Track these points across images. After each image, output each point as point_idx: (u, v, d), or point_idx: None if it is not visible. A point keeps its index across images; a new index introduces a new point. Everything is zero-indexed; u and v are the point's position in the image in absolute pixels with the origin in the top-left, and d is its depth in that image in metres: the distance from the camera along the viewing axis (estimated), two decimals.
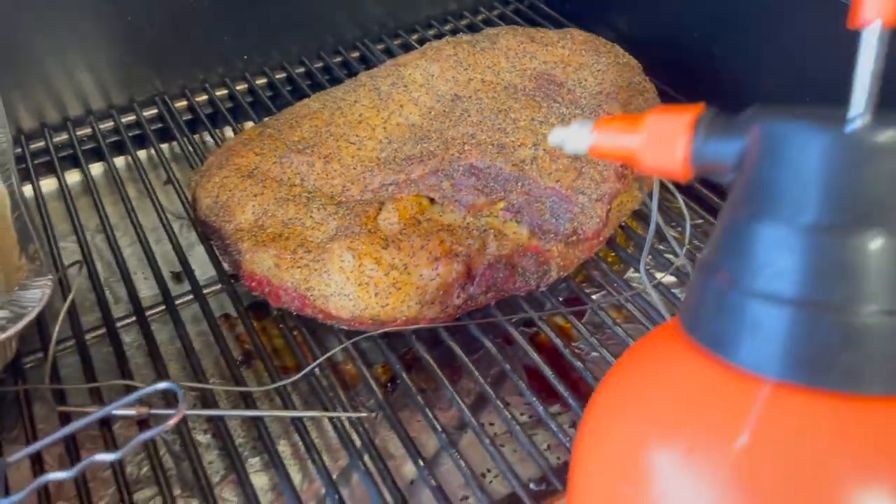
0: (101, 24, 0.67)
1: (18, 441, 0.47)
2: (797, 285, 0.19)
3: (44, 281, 0.44)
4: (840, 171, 0.18)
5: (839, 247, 0.18)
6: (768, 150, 0.20)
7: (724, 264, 0.20)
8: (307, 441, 0.43)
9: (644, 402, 0.21)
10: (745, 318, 0.19)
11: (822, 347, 0.18)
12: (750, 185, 0.20)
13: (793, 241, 0.19)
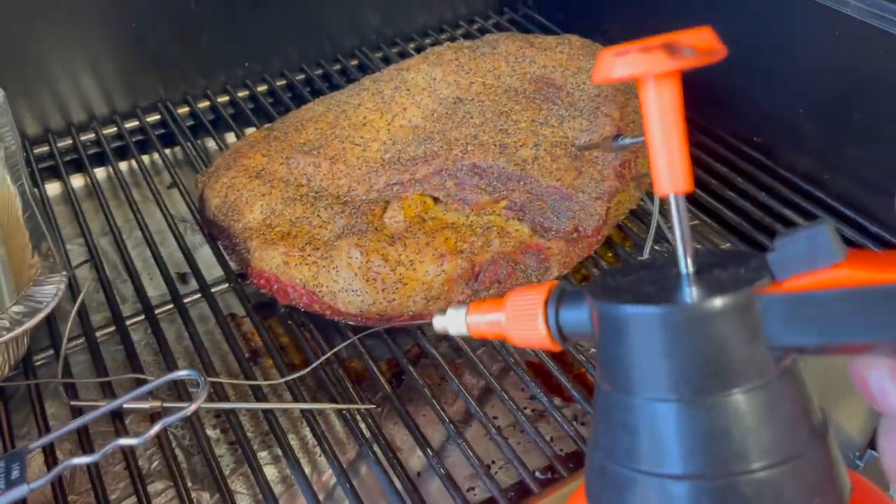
0: (105, 31, 0.68)
1: (30, 435, 0.48)
2: (655, 459, 0.19)
3: (58, 277, 0.44)
4: (671, 345, 0.18)
5: (695, 415, 0.18)
6: (604, 328, 0.20)
7: (599, 435, 0.20)
8: (318, 432, 0.44)
9: None
10: (622, 491, 0.19)
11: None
12: (601, 359, 0.20)
13: (642, 414, 0.19)
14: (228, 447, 0.48)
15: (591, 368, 0.47)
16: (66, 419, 0.48)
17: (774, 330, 0.18)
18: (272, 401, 0.49)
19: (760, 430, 0.18)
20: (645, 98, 0.20)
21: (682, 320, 0.18)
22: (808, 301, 0.18)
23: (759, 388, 0.18)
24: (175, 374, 0.36)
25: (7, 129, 0.57)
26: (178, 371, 0.36)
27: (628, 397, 0.19)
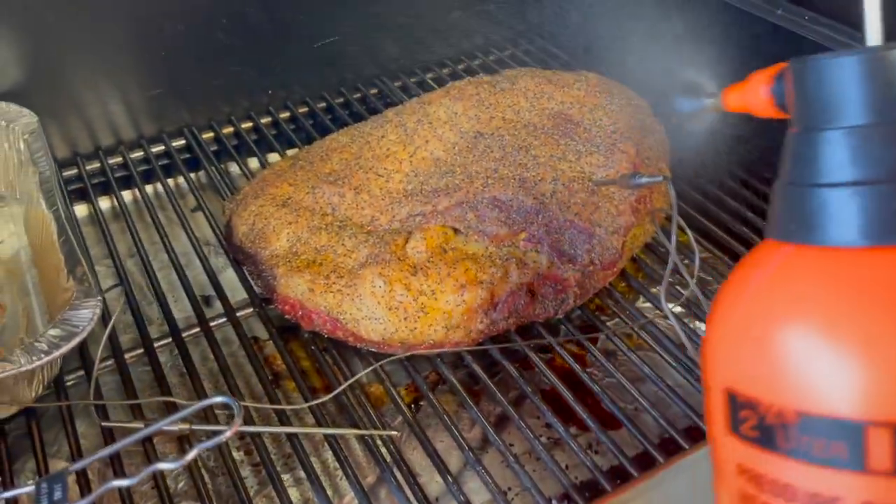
0: (134, 58, 0.70)
1: (59, 454, 0.49)
2: (863, 170, 0.23)
3: (93, 302, 0.46)
4: (873, 83, 0.23)
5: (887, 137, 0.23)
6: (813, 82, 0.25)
7: (800, 174, 0.25)
8: (340, 456, 0.45)
9: (768, 291, 0.25)
10: (830, 206, 0.24)
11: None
12: (804, 110, 0.25)
13: (851, 140, 0.23)
14: (252, 469, 0.49)
15: (606, 398, 0.49)
16: (95, 439, 0.50)
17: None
18: (294, 424, 0.50)
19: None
20: None
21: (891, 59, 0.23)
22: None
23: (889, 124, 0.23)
24: (210, 401, 0.37)
25: (41, 154, 0.59)
26: (213, 398, 0.37)
27: (838, 132, 0.24)
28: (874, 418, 0.22)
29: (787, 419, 0.23)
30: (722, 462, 0.26)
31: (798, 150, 0.25)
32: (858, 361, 0.22)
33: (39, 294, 0.56)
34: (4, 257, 0.59)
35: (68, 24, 0.66)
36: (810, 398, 0.23)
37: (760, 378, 0.24)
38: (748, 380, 0.24)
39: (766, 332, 0.24)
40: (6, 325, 0.53)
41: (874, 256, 0.23)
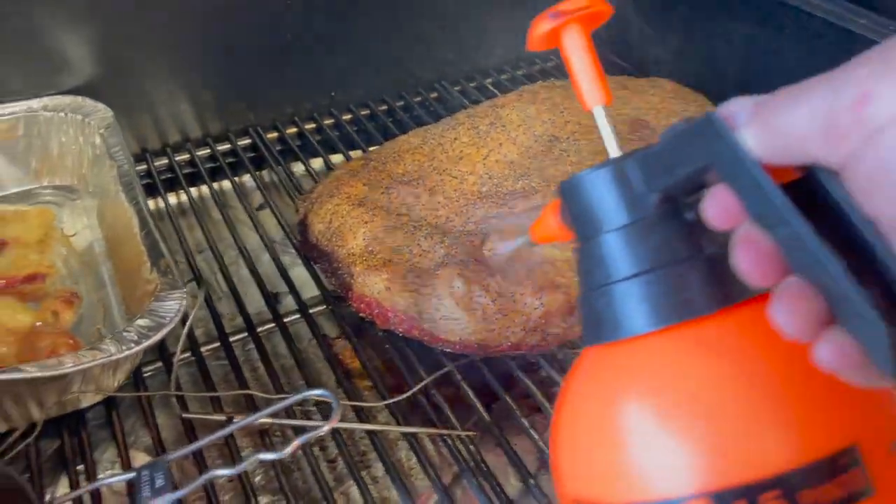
0: (203, 60, 0.71)
1: (136, 445, 0.50)
2: (630, 264, 0.25)
3: (178, 294, 0.47)
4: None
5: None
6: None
7: (586, 281, 0.27)
8: (420, 455, 0.45)
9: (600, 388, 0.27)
10: (613, 303, 0.26)
11: (674, 292, 0.25)
12: (576, 225, 0.27)
13: (616, 241, 0.26)
14: (327, 465, 0.49)
15: None
16: (172, 430, 0.50)
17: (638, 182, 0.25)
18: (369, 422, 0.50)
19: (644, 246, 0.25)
20: (564, 45, 0.28)
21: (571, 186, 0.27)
22: (651, 155, 0.25)
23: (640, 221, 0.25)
24: (309, 393, 0.37)
25: (118, 149, 0.60)
26: (314, 390, 0.37)
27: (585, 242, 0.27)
28: (692, 493, 0.23)
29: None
30: None
31: (582, 261, 0.27)
32: (658, 442, 0.24)
33: (115, 286, 0.56)
34: (79, 249, 0.59)
35: (141, 23, 0.66)
36: (632, 486, 0.24)
37: (598, 476, 0.25)
38: (588, 482, 0.25)
39: (582, 435, 0.26)
40: (83, 316, 0.54)
41: (661, 339, 0.25)
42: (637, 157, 0.25)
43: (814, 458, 0.23)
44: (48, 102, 0.64)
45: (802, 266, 0.21)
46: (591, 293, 0.26)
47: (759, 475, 0.22)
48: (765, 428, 0.23)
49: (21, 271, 0.54)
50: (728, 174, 0.23)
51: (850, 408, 0.24)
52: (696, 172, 0.24)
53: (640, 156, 0.25)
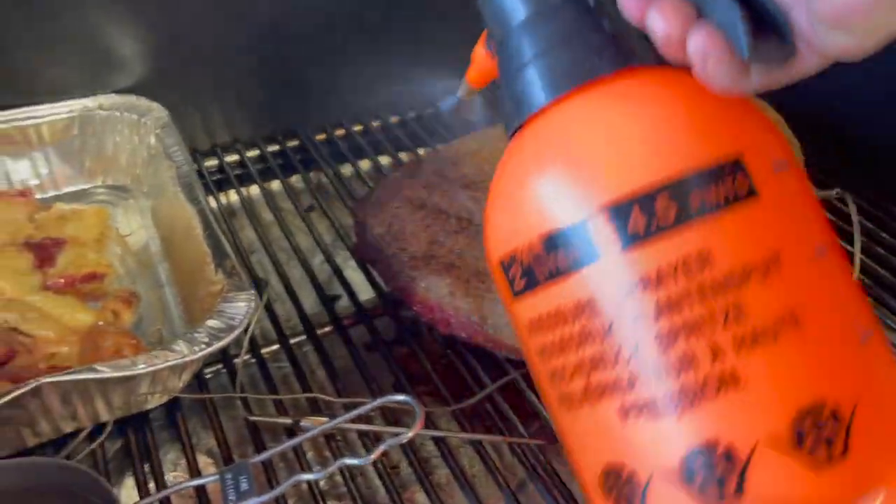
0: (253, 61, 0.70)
1: (198, 447, 0.49)
2: (535, 47, 0.29)
3: (247, 295, 0.46)
4: None
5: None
6: None
7: (501, 82, 0.30)
8: (489, 462, 0.45)
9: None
10: (522, 87, 0.29)
11: (571, 62, 0.28)
12: (493, 28, 0.31)
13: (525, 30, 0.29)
14: (391, 471, 0.49)
15: None
16: (234, 433, 0.50)
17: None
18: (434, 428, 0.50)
19: None
20: None
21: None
22: None
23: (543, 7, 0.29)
24: (390, 398, 0.37)
25: (176, 149, 0.60)
26: (396, 395, 0.37)
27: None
28: (592, 212, 0.26)
29: (536, 248, 0.27)
30: (520, 338, 0.30)
31: (500, 64, 0.30)
32: (557, 179, 0.27)
33: (173, 286, 0.56)
34: (134, 249, 0.59)
35: (194, 24, 0.66)
36: (543, 221, 0.27)
37: (512, 231, 0.28)
38: (506, 240, 0.29)
39: (501, 196, 0.30)
40: (142, 316, 0.54)
41: (561, 105, 0.28)
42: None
43: (701, 165, 0.25)
44: (104, 101, 0.64)
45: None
46: (503, 88, 0.30)
47: (649, 183, 0.25)
48: (653, 142, 0.26)
49: (80, 270, 0.54)
50: None
51: (737, 126, 0.27)
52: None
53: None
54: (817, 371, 0.25)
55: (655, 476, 0.26)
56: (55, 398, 0.42)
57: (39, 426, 0.43)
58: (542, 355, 0.29)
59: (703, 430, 0.25)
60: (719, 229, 0.25)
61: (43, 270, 0.53)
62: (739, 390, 0.25)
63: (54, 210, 0.58)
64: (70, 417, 0.44)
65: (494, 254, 0.30)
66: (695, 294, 0.25)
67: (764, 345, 0.25)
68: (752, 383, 0.25)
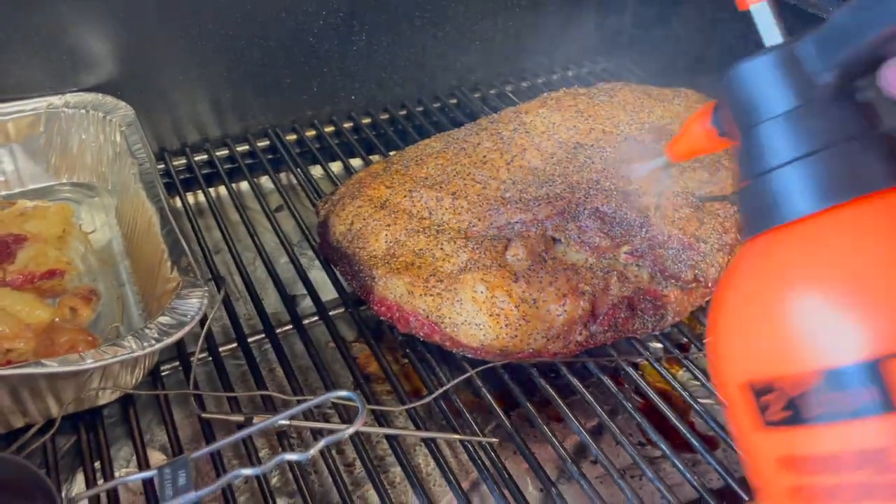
0: (224, 60, 0.70)
1: (152, 443, 0.49)
2: (798, 146, 0.25)
3: (200, 292, 0.46)
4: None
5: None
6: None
7: (750, 170, 0.27)
8: (441, 461, 0.45)
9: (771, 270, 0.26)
10: (780, 186, 0.25)
11: (843, 169, 0.25)
12: (739, 115, 0.27)
13: (782, 125, 0.26)
14: (345, 469, 0.48)
15: (709, 418, 0.48)
16: (188, 430, 0.50)
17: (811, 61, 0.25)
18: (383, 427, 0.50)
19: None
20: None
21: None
22: (827, 29, 0.25)
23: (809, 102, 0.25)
24: (334, 394, 0.37)
25: (139, 147, 0.59)
26: (338, 391, 0.37)
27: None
28: (883, 353, 0.22)
29: (809, 383, 0.24)
30: (761, 469, 0.26)
31: (742, 154, 0.27)
32: (851, 307, 0.23)
33: (133, 284, 0.56)
34: (97, 246, 0.59)
35: (164, 23, 0.66)
36: (823, 354, 0.23)
37: (773, 354, 0.25)
38: (762, 362, 0.25)
39: (765, 312, 0.25)
40: (101, 314, 0.53)
41: (831, 216, 0.25)
42: (810, 35, 0.25)
43: None
44: (70, 99, 0.64)
45: None
46: (753, 183, 0.26)
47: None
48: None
49: (40, 267, 0.54)
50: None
51: None
52: (881, 39, 0.23)
53: (813, 34, 0.25)
54: None
55: None
56: (4, 393, 0.42)
57: None
58: (798, 499, 0.25)
59: None
60: None
61: (2, 267, 0.53)
62: None
63: (17, 206, 0.58)
64: (20, 413, 0.44)
65: (738, 373, 0.26)
66: None
67: None
68: None
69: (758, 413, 0.25)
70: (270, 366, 0.55)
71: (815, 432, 0.24)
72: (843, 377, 0.23)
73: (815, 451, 0.24)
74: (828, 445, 0.24)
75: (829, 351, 0.23)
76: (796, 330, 0.24)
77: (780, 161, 0.25)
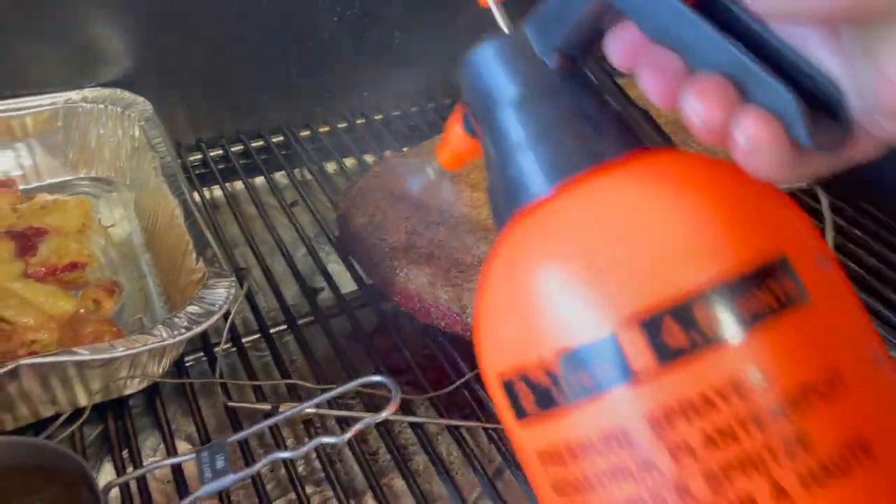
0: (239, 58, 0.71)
1: (177, 433, 0.50)
2: (528, 132, 0.25)
3: (227, 282, 0.47)
4: None
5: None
6: None
7: (487, 170, 0.27)
8: (466, 448, 0.45)
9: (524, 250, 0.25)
10: (515, 175, 0.25)
11: (575, 145, 0.24)
12: (475, 106, 0.27)
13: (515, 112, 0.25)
14: (369, 457, 0.49)
15: None
16: (213, 419, 0.50)
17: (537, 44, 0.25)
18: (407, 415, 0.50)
19: None
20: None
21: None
22: (542, 9, 0.24)
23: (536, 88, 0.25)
24: (367, 379, 0.37)
25: (159, 141, 0.60)
26: (371, 377, 0.37)
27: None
28: (621, 326, 0.22)
29: (552, 367, 0.23)
30: (527, 467, 0.25)
31: (485, 145, 0.26)
32: (581, 284, 0.22)
33: (155, 276, 0.56)
34: (116, 240, 0.60)
35: (180, 19, 0.67)
36: (559, 336, 0.22)
37: (517, 343, 0.24)
38: (509, 352, 0.24)
39: (509, 301, 0.24)
40: (125, 306, 0.54)
41: (564, 195, 0.24)
42: (530, 18, 0.25)
43: (744, 266, 0.22)
44: (87, 94, 0.64)
45: (707, 61, 0.22)
46: (493, 173, 0.26)
47: (686, 290, 0.21)
48: (688, 240, 0.22)
49: (62, 259, 0.54)
50: (626, 1, 0.22)
51: (774, 224, 0.23)
52: (591, 13, 0.23)
53: (532, 16, 0.25)
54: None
55: None
56: (34, 382, 0.42)
57: (18, 410, 0.43)
58: (562, 494, 0.24)
59: None
60: (770, 342, 0.21)
61: (24, 259, 0.54)
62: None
63: (37, 200, 0.59)
64: (49, 402, 0.44)
65: (492, 367, 0.25)
66: (749, 422, 0.21)
67: (836, 480, 0.21)
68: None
69: (511, 408, 0.24)
70: (291, 357, 0.55)
71: (563, 418, 0.23)
72: (583, 355, 0.22)
73: (567, 437, 0.23)
74: (577, 430, 0.23)
75: (565, 332, 0.22)
76: (534, 315, 0.23)
77: (513, 148, 0.25)
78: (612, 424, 0.22)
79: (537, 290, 0.23)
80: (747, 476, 0.21)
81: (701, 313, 0.21)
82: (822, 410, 0.21)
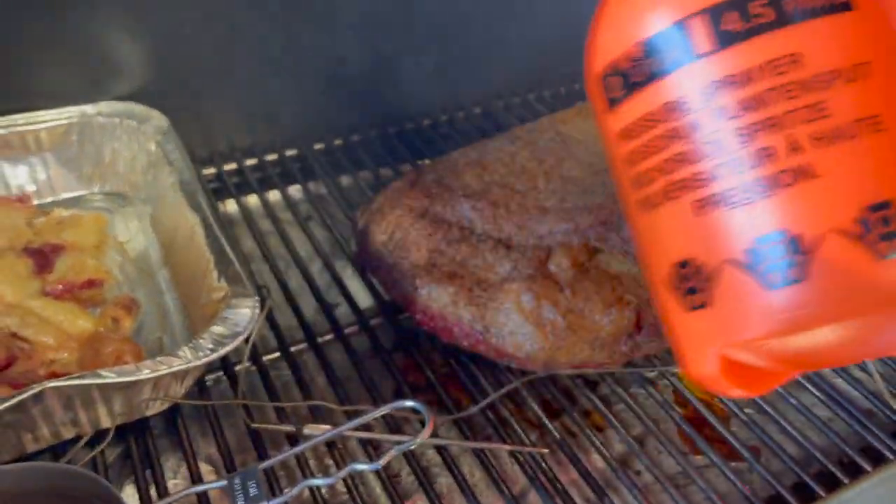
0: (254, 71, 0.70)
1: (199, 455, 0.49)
2: None
3: (251, 301, 0.46)
4: None
5: None
6: None
7: None
8: (492, 470, 0.45)
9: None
10: None
11: None
12: None
13: None
14: (391, 480, 0.48)
15: (755, 427, 0.48)
16: (235, 441, 0.50)
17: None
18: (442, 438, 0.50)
19: None
20: None
21: None
22: None
23: None
24: (401, 404, 0.37)
25: (177, 156, 0.59)
26: (405, 401, 0.37)
27: None
28: (688, 15, 0.28)
29: (634, 53, 0.30)
30: (609, 154, 0.33)
31: None
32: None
33: (173, 293, 0.56)
34: (133, 256, 0.59)
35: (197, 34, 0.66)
36: (639, 28, 0.29)
37: (610, 42, 0.30)
38: (605, 52, 0.31)
39: (604, 8, 0.31)
40: (143, 323, 0.53)
41: None
42: None
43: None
44: (103, 108, 0.63)
45: None
46: None
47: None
48: None
49: (79, 276, 0.54)
50: None
51: None
52: None
53: None
54: (890, 172, 0.27)
55: (724, 265, 0.28)
56: (57, 403, 0.42)
57: (40, 431, 0.43)
58: (628, 162, 0.31)
59: (775, 218, 0.27)
60: (812, 34, 0.27)
61: (42, 276, 0.53)
62: (813, 182, 0.26)
63: (53, 215, 0.58)
64: (71, 423, 0.44)
65: (596, 67, 0.31)
66: (780, 92, 0.27)
67: (841, 142, 0.26)
68: (825, 177, 0.26)
69: (604, 98, 0.32)
70: (311, 375, 0.55)
71: (639, 96, 0.29)
72: (655, 42, 0.28)
73: (638, 115, 0.30)
74: (646, 105, 0.29)
75: (644, 23, 0.29)
76: (625, 13, 0.30)
77: None
78: (672, 97, 0.28)
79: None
80: (773, 133, 0.27)
81: (756, 6, 0.27)
82: (846, 90, 0.27)
